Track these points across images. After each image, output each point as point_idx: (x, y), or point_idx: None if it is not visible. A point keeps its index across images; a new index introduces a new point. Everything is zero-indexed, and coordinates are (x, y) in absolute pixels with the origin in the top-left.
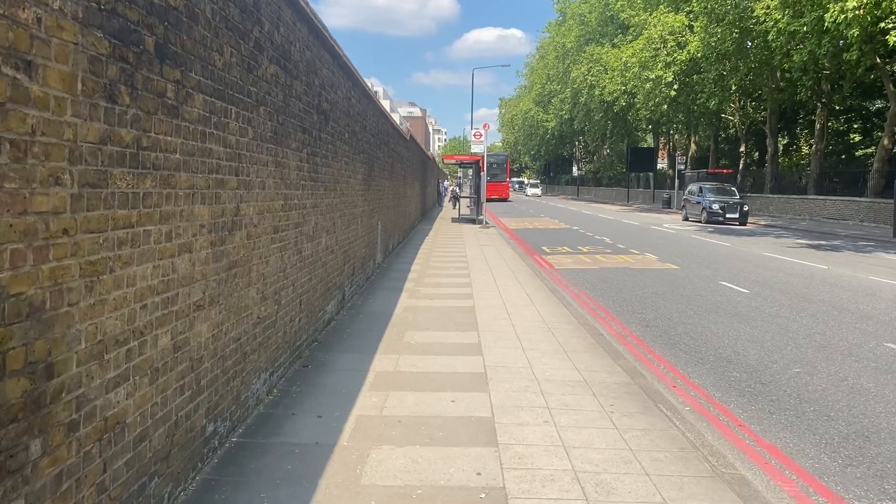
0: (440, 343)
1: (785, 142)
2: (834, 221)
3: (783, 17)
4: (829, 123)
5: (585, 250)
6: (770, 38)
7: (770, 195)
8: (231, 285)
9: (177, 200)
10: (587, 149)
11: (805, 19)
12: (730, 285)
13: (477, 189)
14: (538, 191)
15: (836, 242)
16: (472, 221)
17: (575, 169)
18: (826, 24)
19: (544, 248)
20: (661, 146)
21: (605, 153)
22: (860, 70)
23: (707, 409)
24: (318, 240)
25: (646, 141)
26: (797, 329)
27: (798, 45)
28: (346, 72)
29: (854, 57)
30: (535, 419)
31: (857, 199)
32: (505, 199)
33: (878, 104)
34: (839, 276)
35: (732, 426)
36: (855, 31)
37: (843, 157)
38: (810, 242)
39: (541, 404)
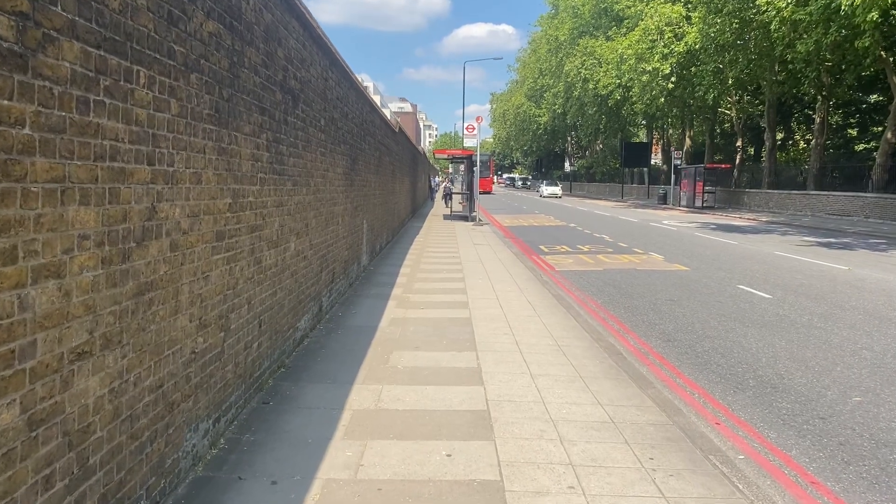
0: (432, 367)
1: (781, 136)
2: (838, 217)
3: (787, 5)
4: (828, 117)
5: (586, 249)
6: (773, 27)
7: (769, 190)
8: (144, 316)
9: (26, 200)
10: (580, 144)
11: (811, 7)
12: (749, 289)
13: (469, 185)
14: (557, 190)
15: (846, 240)
16: (465, 219)
17: (567, 164)
18: (842, 7)
19: (542, 247)
20: (654, 141)
21: (599, 148)
22: (868, 60)
23: (766, 458)
24: (285, 245)
25: (639, 136)
26: (840, 343)
27: (802, 34)
28: (321, 47)
29: (866, 44)
30: (556, 485)
31: (861, 194)
32: (489, 192)
33: (875, 97)
34: (864, 278)
35: (805, 485)
36: (874, 15)
37: (842, 151)
38: (819, 240)
39: (562, 459)
